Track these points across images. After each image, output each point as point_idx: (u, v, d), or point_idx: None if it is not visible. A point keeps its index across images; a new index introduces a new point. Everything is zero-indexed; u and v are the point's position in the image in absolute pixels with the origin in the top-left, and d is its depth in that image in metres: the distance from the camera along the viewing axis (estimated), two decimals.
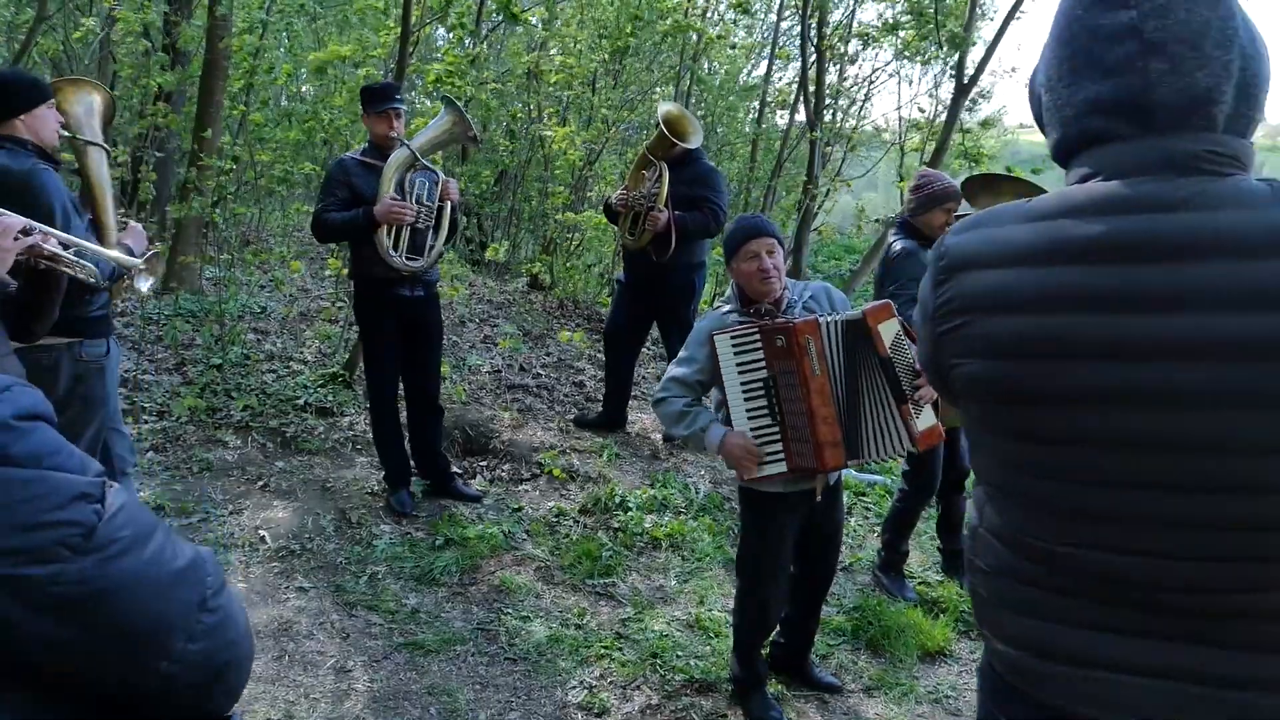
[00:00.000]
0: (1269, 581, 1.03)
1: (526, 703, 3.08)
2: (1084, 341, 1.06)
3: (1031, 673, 1.18)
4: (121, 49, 7.02)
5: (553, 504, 4.49)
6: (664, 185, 4.76)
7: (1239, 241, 0.99)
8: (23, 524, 0.75)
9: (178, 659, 0.84)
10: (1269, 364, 0.98)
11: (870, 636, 3.62)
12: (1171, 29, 1.03)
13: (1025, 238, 1.11)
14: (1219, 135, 1.04)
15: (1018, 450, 1.15)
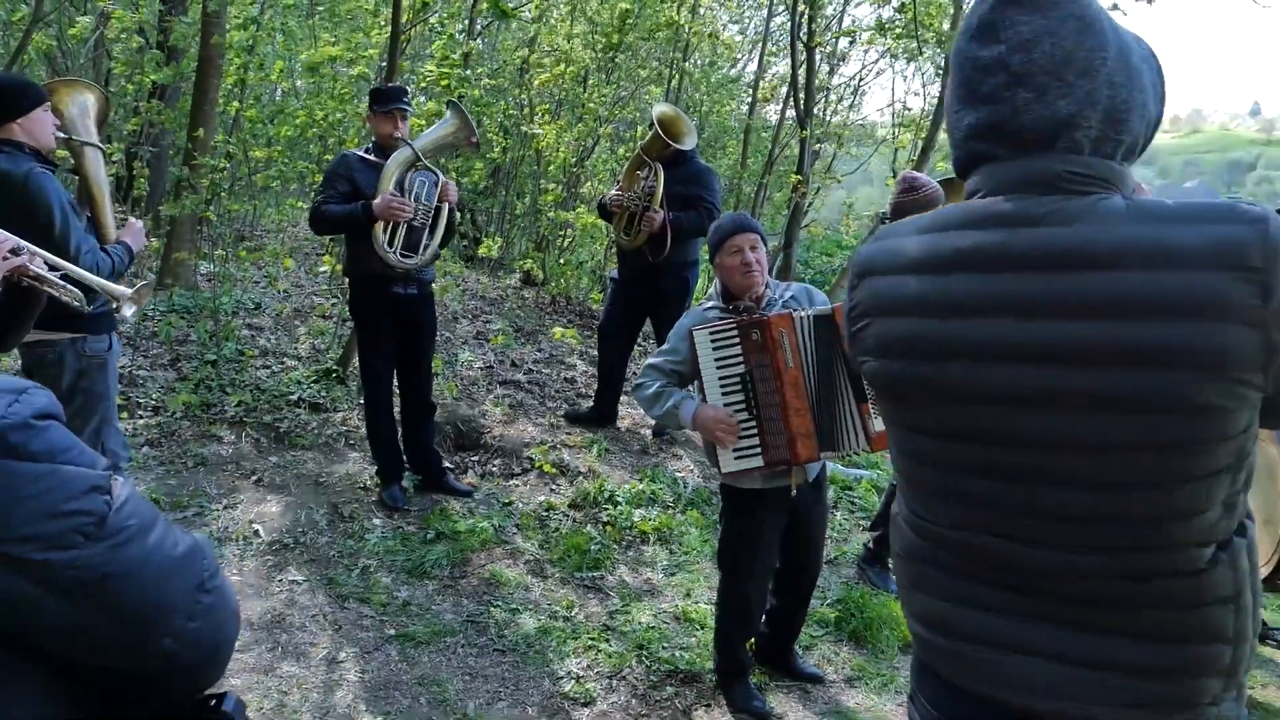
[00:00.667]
0: (1120, 569, 1.10)
1: (515, 692, 3.15)
2: (947, 343, 1.16)
3: (937, 650, 1.27)
4: (117, 46, 7.05)
5: (543, 498, 4.55)
6: (659, 185, 4.82)
7: (1087, 255, 1.07)
8: (42, 514, 0.82)
9: (179, 636, 0.92)
10: (1108, 369, 1.05)
11: (853, 628, 3.70)
12: (1036, 61, 1.11)
13: (913, 248, 1.22)
14: (1084, 157, 1.12)
15: (908, 440, 1.26)
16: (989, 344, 1.13)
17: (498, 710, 3.04)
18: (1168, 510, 1.08)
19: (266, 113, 8.01)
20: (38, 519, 0.83)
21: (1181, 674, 1.11)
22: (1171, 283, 1.03)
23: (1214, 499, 1.08)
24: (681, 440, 5.42)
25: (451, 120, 4.26)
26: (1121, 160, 1.15)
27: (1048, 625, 1.16)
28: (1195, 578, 1.09)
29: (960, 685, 1.25)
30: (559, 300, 7.47)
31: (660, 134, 4.84)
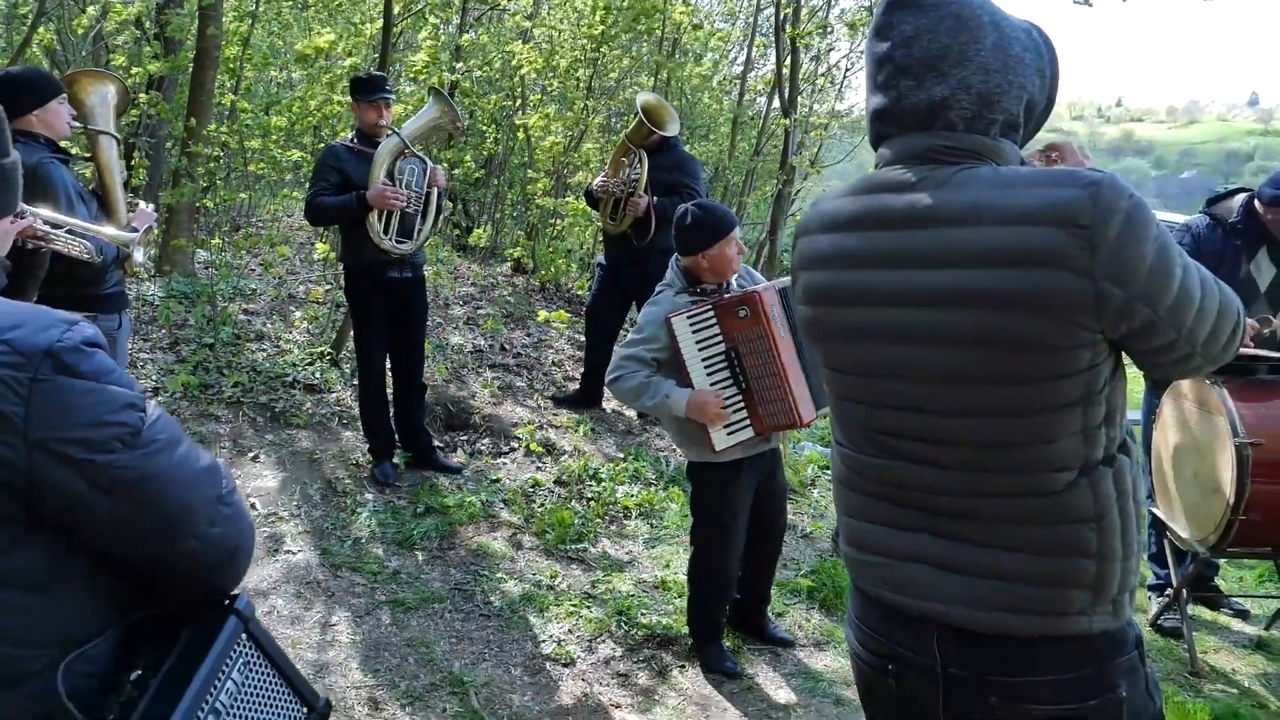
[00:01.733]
0: (987, 488, 1.29)
1: (499, 654, 3.32)
2: (844, 290, 1.38)
3: (855, 564, 1.47)
4: (119, 38, 7.17)
5: (529, 476, 4.71)
6: (644, 172, 4.98)
7: (945, 215, 1.26)
8: (88, 422, 0.99)
9: (202, 538, 1.09)
10: (964, 310, 1.23)
11: (824, 597, 3.86)
12: (914, 55, 1.30)
13: (832, 210, 1.43)
14: (957, 133, 1.29)
15: (830, 376, 1.48)
16: (876, 290, 1.33)
17: (482, 670, 3.20)
18: (1021, 436, 1.25)
19: (259, 104, 8.15)
20: (84, 426, 0.99)
21: (1045, 583, 1.27)
22: (1013, 236, 1.20)
23: (1065, 429, 1.24)
24: None
25: (435, 107, 4.41)
26: (1000, 135, 1.33)
27: (933, 538, 1.34)
28: (1053, 498, 1.26)
29: (869, 592, 1.44)
30: (548, 287, 7.62)
31: (644, 121, 4.99)
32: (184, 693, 1.02)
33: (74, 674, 1.02)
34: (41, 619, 1.02)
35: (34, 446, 0.97)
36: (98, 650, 1.06)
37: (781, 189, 6.81)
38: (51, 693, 1.00)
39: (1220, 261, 3.36)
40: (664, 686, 3.20)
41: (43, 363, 0.97)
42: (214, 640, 1.08)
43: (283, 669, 1.18)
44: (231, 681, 1.09)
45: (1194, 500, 3.34)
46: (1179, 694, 3.20)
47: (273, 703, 1.16)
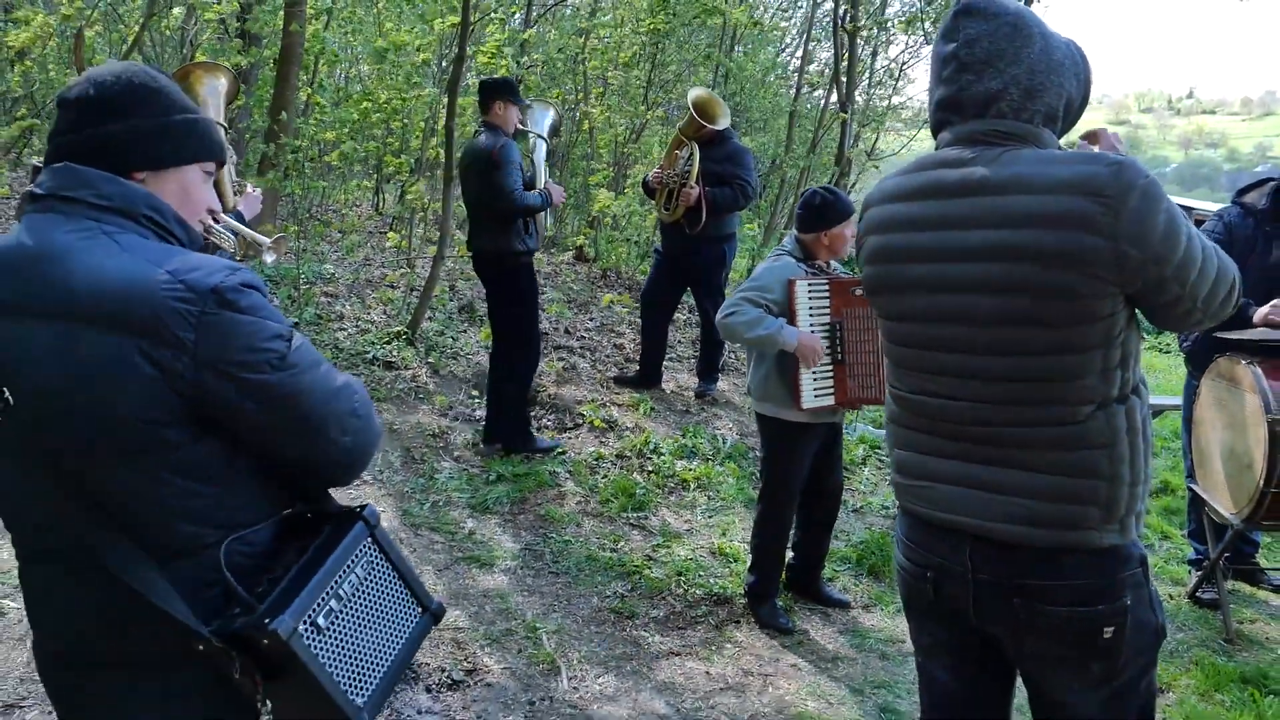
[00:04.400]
0: (1019, 418, 1.54)
1: (567, 606, 3.60)
2: (912, 249, 1.63)
3: (901, 489, 1.73)
4: (205, 34, 7.60)
5: (593, 449, 4.99)
6: (695, 163, 5.22)
7: (991, 185, 1.51)
8: (246, 348, 1.23)
9: (335, 443, 1.33)
10: (1005, 263, 1.48)
11: (872, 564, 4.08)
12: (976, 54, 1.55)
13: (896, 184, 1.69)
14: (1006, 120, 1.55)
15: (888, 326, 1.73)
16: (932, 248, 1.59)
17: (552, 620, 3.48)
18: (1051, 373, 1.50)
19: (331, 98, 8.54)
20: (241, 350, 1.22)
21: (1064, 500, 1.51)
22: (1049, 203, 1.45)
23: (1088, 368, 1.49)
24: (722, 402, 5.82)
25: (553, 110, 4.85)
26: (1041, 124, 1.57)
27: (968, 463, 1.59)
28: (1074, 427, 1.51)
29: (912, 511, 1.71)
30: (610, 274, 7.89)
31: (695, 116, 5.23)
32: (310, 579, 1.27)
33: (234, 553, 1.28)
34: (211, 504, 1.27)
35: (201, 365, 1.20)
36: (256, 536, 1.31)
37: (837, 181, 6.97)
38: (216, 564, 1.25)
39: (1251, 248, 3.49)
40: (721, 639, 3.45)
41: (209, 299, 1.20)
42: (342, 539, 1.32)
43: (402, 572, 1.40)
44: (355, 575, 1.32)
45: (1230, 475, 3.48)
46: (1211, 658, 3.35)
47: (390, 599, 1.38)
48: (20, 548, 1.34)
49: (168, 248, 1.28)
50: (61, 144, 1.30)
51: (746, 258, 9.08)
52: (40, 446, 1.23)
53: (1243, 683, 3.20)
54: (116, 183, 1.29)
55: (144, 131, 1.32)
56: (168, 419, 1.21)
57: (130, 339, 1.18)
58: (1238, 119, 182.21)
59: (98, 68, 1.36)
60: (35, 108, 8.42)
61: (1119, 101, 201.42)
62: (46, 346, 1.19)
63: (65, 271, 1.21)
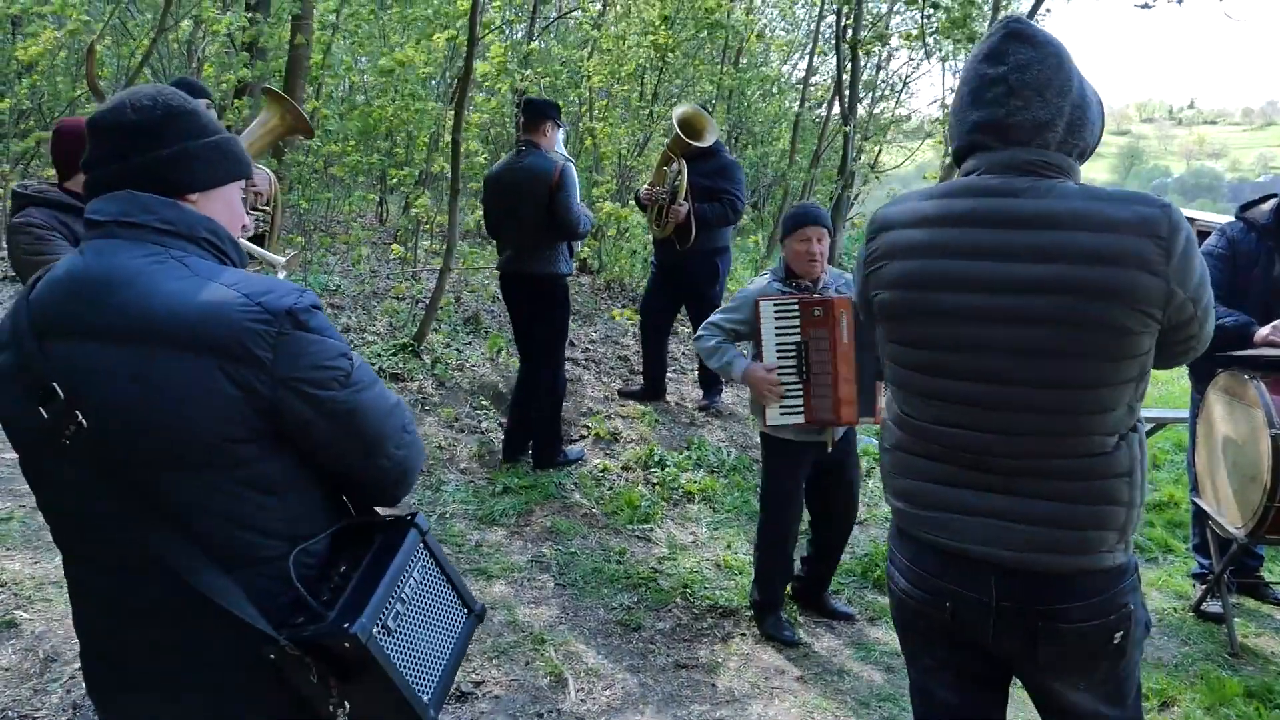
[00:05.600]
0: (1048, 450, 1.55)
1: (574, 618, 3.62)
2: (946, 277, 1.60)
3: (909, 517, 1.72)
4: (212, 47, 7.66)
5: (598, 461, 5.01)
6: (684, 180, 5.26)
7: (1050, 219, 1.52)
8: (314, 365, 1.29)
9: (390, 458, 1.39)
10: (1061, 297, 1.49)
11: (877, 576, 4.09)
12: (1026, 81, 1.55)
13: (925, 209, 1.65)
14: (1050, 152, 1.57)
15: (902, 353, 1.70)
16: (982, 278, 1.56)
17: (559, 631, 3.50)
18: (1088, 406, 1.53)
19: (337, 110, 8.60)
20: (312, 368, 1.28)
21: (1089, 527, 1.55)
22: (1108, 242, 1.47)
23: (1120, 401, 1.53)
24: (726, 414, 5.84)
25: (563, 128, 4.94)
26: (1076, 159, 1.61)
27: (994, 494, 1.60)
28: (1102, 457, 1.54)
29: (926, 541, 1.69)
30: (614, 285, 7.93)
31: (680, 135, 5.27)
32: (379, 582, 1.31)
33: (298, 563, 1.32)
34: (277, 516, 1.32)
35: (278, 382, 1.26)
36: (316, 547, 1.36)
37: (840, 194, 7.01)
38: (284, 574, 1.29)
39: (1254, 263, 3.51)
40: (726, 652, 3.46)
41: (285, 320, 1.26)
42: (400, 545, 1.37)
43: (450, 575, 1.46)
44: (413, 579, 1.37)
45: (1234, 490, 3.49)
46: (1216, 672, 3.36)
47: (442, 601, 1.43)
48: (84, 561, 1.37)
49: (229, 270, 1.34)
50: (110, 171, 1.33)
51: (750, 269, 9.12)
52: (113, 464, 1.26)
53: (1248, 697, 3.21)
54: (177, 208, 1.34)
55: (193, 154, 1.36)
56: (244, 435, 1.26)
57: (211, 359, 1.23)
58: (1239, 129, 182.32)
59: (130, 92, 1.38)
60: (43, 120, 8.48)
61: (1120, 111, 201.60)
62: (123, 369, 1.24)
63: (138, 295, 1.25)
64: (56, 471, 1.32)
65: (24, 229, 2.69)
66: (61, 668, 2.98)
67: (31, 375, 1.26)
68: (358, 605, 1.28)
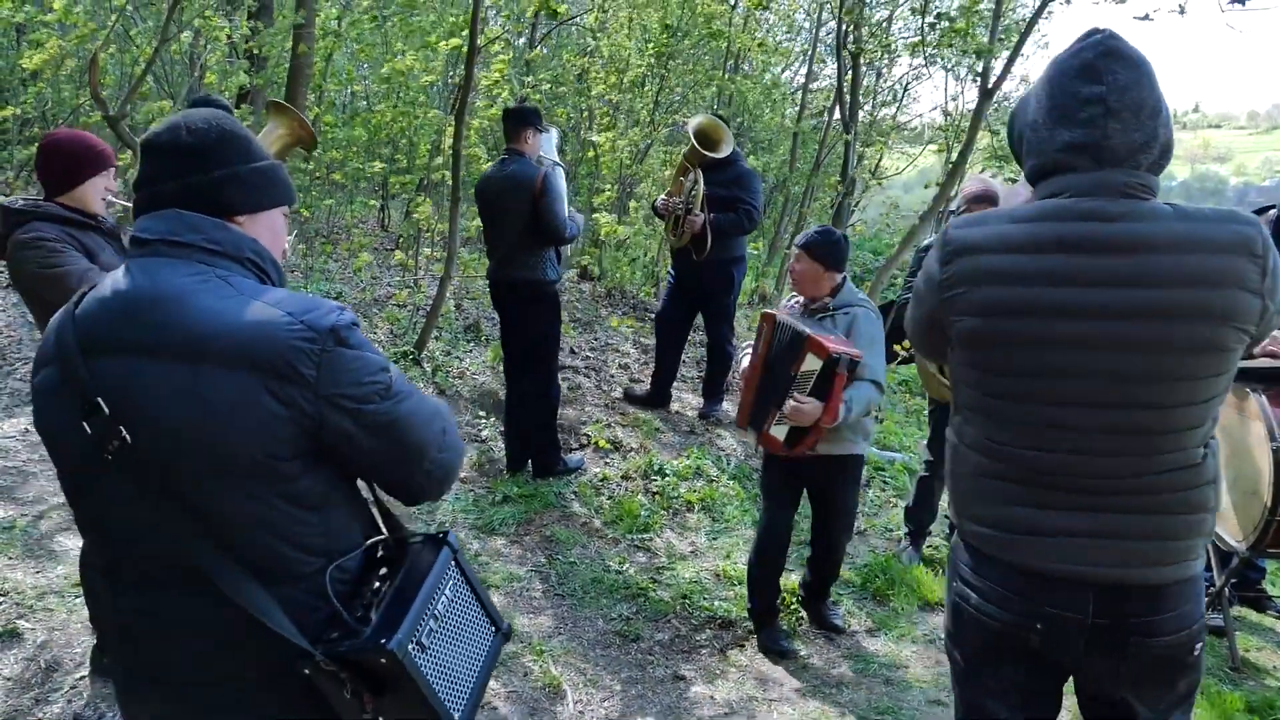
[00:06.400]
0: (1149, 467, 1.57)
1: (573, 628, 3.61)
2: (1046, 305, 1.55)
3: (998, 542, 1.68)
4: (212, 56, 7.69)
5: (598, 470, 5.01)
6: (699, 191, 5.27)
7: (1150, 244, 1.51)
8: (356, 381, 1.31)
9: (433, 462, 1.41)
10: (1172, 322, 1.49)
11: (877, 588, 4.08)
12: (1125, 102, 1.53)
13: (1013, 233, 1.60)
14: (1143, 173, 1.55)
15: (991, 380, 1.65)
16: (1084, 306, 1.53)
17: (558, 642, 3.50)
18: (1186, 422, 1.55)
19: (341, 117, 8.61)
20: (354, 384, 1.30)
21: (1182, 537, 1.58)
22: (1212, 263, 1.49)
23: (1210, 414, 1.57)
24: (726, 423, 5.84)
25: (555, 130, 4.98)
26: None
27: (1087, 512, 1.59)
28: (1193, 469, 1.58)
29: (1016, 564, 1.66)
30: (615, 293, 7.93)
31: (696, 146, 5.28)
32: (414, 599, 1.34)
33: (333, 579, 1.34)
34: (316, 531, 1.34)
35: (322, 399, 1.28)
36: (350, 563, 1.38)
37: (841, 201, 7.02)
38: (320, 590, 1.32)
39: None
40: (724, 663, 3.46)
41: (328, 337, 1.28)
42: (434, 563, 1.40)
43: (479, 594, 1.48)
44: (445, 597, 1.39)
45: (1236, 502, 3.48)
46: (1217, 686, 3.35)
47: (472, 619, 1.45)
48: (122, 575, 1.38)
49: (271, 289, 1.36)
50: (164, 190, 1.36)
51: (751, 276, 9.12)
52: (157, 479, 1.28)
53: (1249, 712, 3.20)
54: (225, 228, 1.37)
55: (243, 178, 1.40)
56: (288, 451, 1.28)
57: (258, 377, 1.25)
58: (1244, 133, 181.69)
59: (185, 114, 1.41)
60: (47, 127, 8.51)
61: None
62: (169, 386, 1.25)
63: (185, 313, 1.27)
64: (98, 487, 1.34)
65: (34, 243, 2.67)
66: (63, 677, 2.99)
67: (76, 390, 1.29)
68: (393, 621, 1.31)
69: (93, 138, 2.92)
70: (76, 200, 2.81)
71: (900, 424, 6.49)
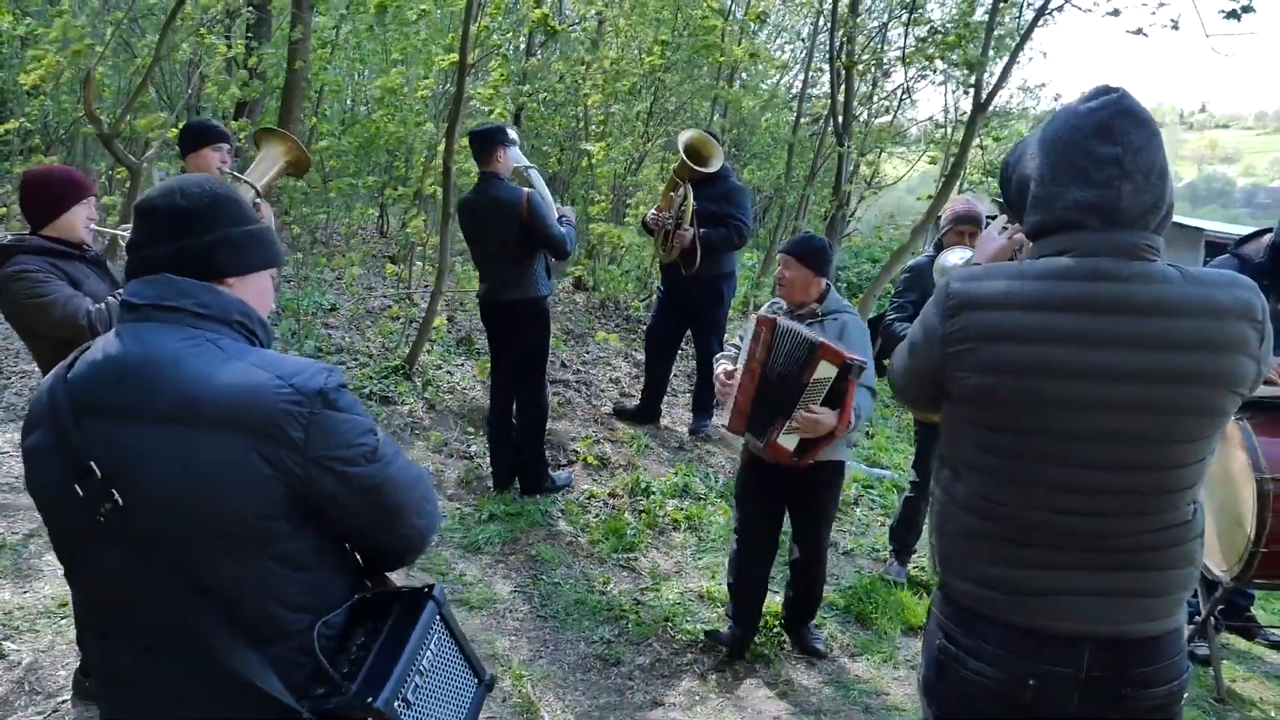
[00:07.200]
0: (1152, 526, 1.59)
1: (554, 652, 3.62)
2: (1057, 365, 1.53)
3: (994, 603, 1.65)
4: (212, 67, 7.72)
5: (586, 487, 5.02)
6: (689, 206, 5.27)
7: (1163, 307, 1.51)
8: (344, 443, 1.34)
9: (413, 527, 1.45)
10: (1181, 386, 1.51)
11: (860, 611, 4.08)
12: (1140, 164, 1.53)
13: (1023, 290, 1.57)
14: (1150, 234, 1.55)
15: (997, 439, 1.62)
16: (1092, 366, 1.52)
17: (539, 666, 3.51)
18: (1184, 482, 1.58)
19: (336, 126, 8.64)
20: (342, 446, 1.33)
21: (1173, 591, 1.61)
22: (1216, 328, 1.51)
23: (1202, 473, 1.59)
24: (716, 438, 5.84)
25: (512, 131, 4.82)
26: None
27: (1093, 572, 1.59)
28: (1185, 525, 1.60)
29: (1015, 624, 1.64)
30: (608, 304, 7.94)
31: (686, 161, 5.29)
32: (400, 655, 1.36)
33: (320, 635, 1.36)
34: (304, 590, 1.36)
35: (310, 461, 1.30)
36: (336, 619, 1.40)
37: (835, 213, 7.02)
38: (306, 646, 1.34)
39: None
40: (705, 689, 3.46)
41: (316, 400, 1.31)
42: (419, 617, 1.42)
43: (462, 646, 1.50)
44: (430, 651, 1.41)
45: (1220, 532, 3.47)
46: (1203, 718, 3.34)
47: (456, 671, 1.48)
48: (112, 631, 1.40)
49: (261, 351, 1.39)
50: (156, 254, 1.39)
51: (745, 285, 9.12)
52: (148, 541, 1.30)
53: None
54: (214, 292, 1.40)
55: (235, 240, 1.44)
56: (277, 512, 1.31)
57: (247, 440, 1.27)
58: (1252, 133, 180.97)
59: (179, 179, 1.45)
60: (49, 138, 8.56)
61: None
62: (161, 450, 1.28)
63: (176, 378, 1.30)
64: (90, 548, 1.35)
65: (18, 276, 2.71)
66: (46, 700, 3.01)
67: (68, 453, 1.31)
68: (379, 678, 1.33)
69: (71, 170, 2.99)
70: (60, 231, 2.87)
71: (891, 439, 6.49)
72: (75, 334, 2.65)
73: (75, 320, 2.68)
